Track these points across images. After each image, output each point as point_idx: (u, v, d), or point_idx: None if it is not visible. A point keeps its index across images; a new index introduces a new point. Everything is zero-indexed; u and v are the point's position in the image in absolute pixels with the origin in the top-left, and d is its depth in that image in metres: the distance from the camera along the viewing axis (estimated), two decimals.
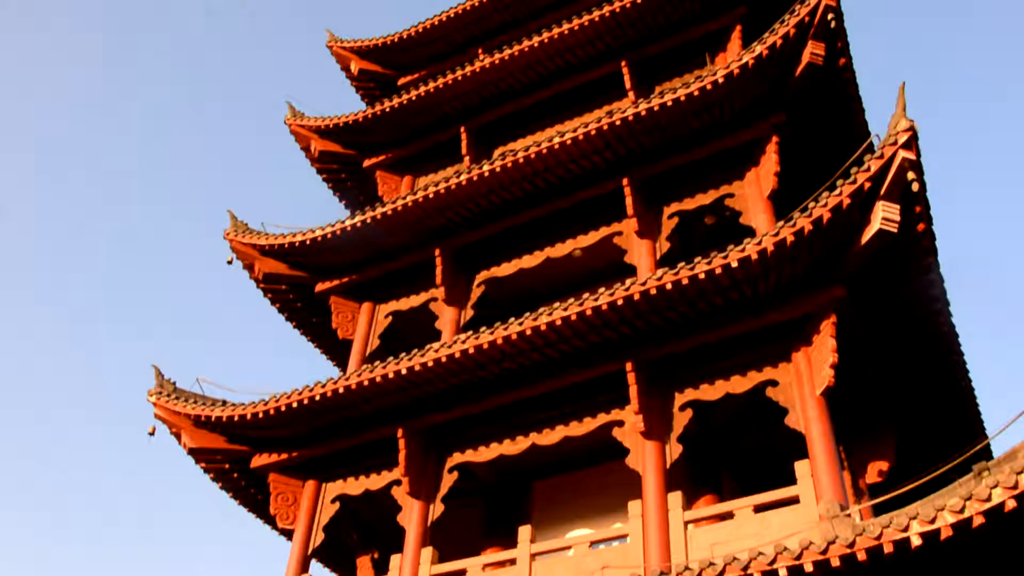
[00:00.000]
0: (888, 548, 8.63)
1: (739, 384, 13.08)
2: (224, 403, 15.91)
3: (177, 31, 66.82)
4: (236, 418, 15.50)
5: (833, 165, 15.21)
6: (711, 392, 13.19)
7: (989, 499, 8.25)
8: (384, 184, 20.49)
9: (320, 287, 18.90)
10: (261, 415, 15.24)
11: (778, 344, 13.02)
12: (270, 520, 17.77)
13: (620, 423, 13.64)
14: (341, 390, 14.46)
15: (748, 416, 14.81)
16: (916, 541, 8.53)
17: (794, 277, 12.44)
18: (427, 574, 13.79)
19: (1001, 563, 8.94)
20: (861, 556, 8.70)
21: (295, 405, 14.86)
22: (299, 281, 19.14)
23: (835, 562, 8.75)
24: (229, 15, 68.78)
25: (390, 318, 18.26)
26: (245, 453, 16.59)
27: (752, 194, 15.22)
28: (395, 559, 14.30)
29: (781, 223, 11.83)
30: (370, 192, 21.79)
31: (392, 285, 18.55)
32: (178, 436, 16.75)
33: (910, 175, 11.24)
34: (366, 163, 20.98)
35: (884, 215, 11.44)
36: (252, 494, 17.68)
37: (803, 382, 12.54)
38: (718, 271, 12.14)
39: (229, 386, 18.15)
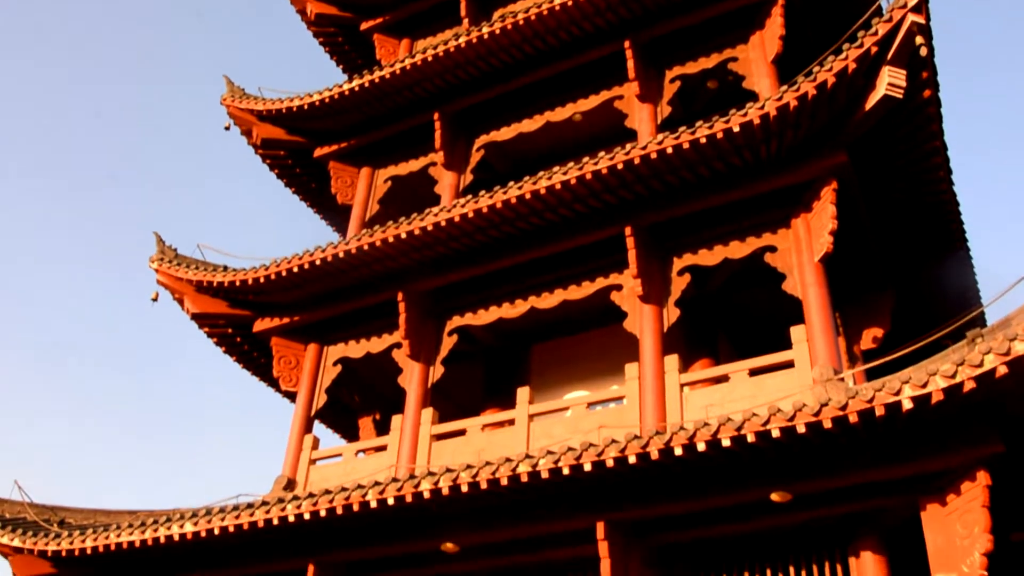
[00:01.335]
0: (880, 411, 8.77)
1: (738, 250, 13.11)
2: (225, 268, 15.97)
3: None
4: (237, 283, 15.59)
5: (840, 30, 14.86)
6: (709, 257, 13.24)
7: (981, 365, 8.35)
8: (382, 48, 20.03)
9: (319, 152, 18.74)
10: (262, 280, 15.33)
11: (778, 210, 12.99)
12: (273, 383, 18.10)
13: (618, 287, 13.75)
14: (341, 254, 14.50)
15: (746, 282, 14.91)
16: (907, 405, 8.67)
17: (796, 143, 12.33)
18: (428, 434, 14.13)
19: (990, 428, 9.11)
20: (853, 418, 8.86)
21: (296, 270, 14.93)
22: (298, 146, 18.96)
23: (827, 424, 8.92)
24: None
25: (389, 183, 18.17)
26: (247, 318, 16.75)
27: (756, 58, 14.93)
28: (396, 420, 14.62)
29: (784, 87, 11.65)
30: (368, 56, 21.37)
31: (391, 150, 18.40)
32: (180, 302, 16.88)
33: (918, 39, 11.00)
34: (363, 26, 20.43)
35: (890, 81, 11.24)
36: (255, 358, 17.94)
37: (802, 248, 12.57)
38: (719, 135, 12.01)
39: (230, 251, 18.21)
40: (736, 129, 11.90)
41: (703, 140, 12.08)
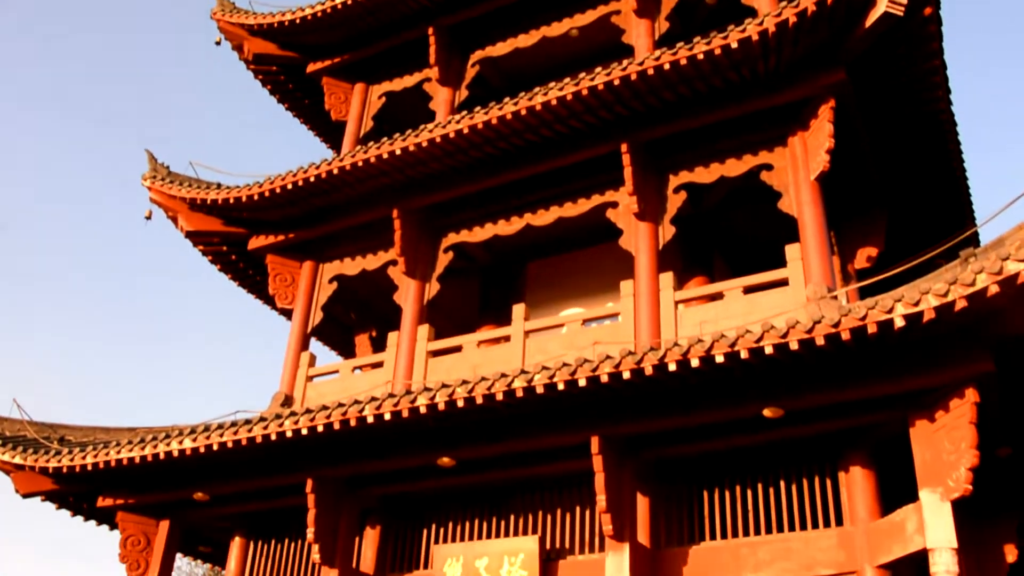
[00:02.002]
0: (872, 329, 8.84)
1: (734, 167, 13.07)
2: (219, 186, 15.88)
3: None
4: (231, 200, 15.52)
5: None
6: (705, 175, 13.20)
7: (973, 284, 8.39)
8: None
9: (312, 68, 18.50)
10: (256, 197, 15.26)
11: (775, 128, 12.92)
12: (269, 300, 18.17)
13: (614, 204, 13.73)
14: (335, 171, 14.43)
15: (741, 200, 14.90)
16: (899, 323, 8.74)
17: (794, 60, 12.20)
18: (423, 351, 14.23)
19: (980, 346, 9.20)
20: (845, 336, 8.93)
21: (290, 186, 14.86)
22: (290, 62, 18.70)
23: (820, 341, 8.99)
24: None
25: (383, 99, 17.99)
26: (242, 235, 16.72)
27: None
28: (392, 336, 14.71)
29: (784, 3, 11.49)
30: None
31: (385, 65, 18.17)
32: (174, 220, 16.83)
33: None
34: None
35: None
36: (251, 275, 17.98)
37: (798, 166, 12.54)
38: (717, 52, 11.88)
39: (223, 169, 18.08)
40: (734, 46, 11.76)
41: (701, 56, 11.95)
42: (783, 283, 11.93)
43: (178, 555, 15.79)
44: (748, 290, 12.09)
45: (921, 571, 10.14)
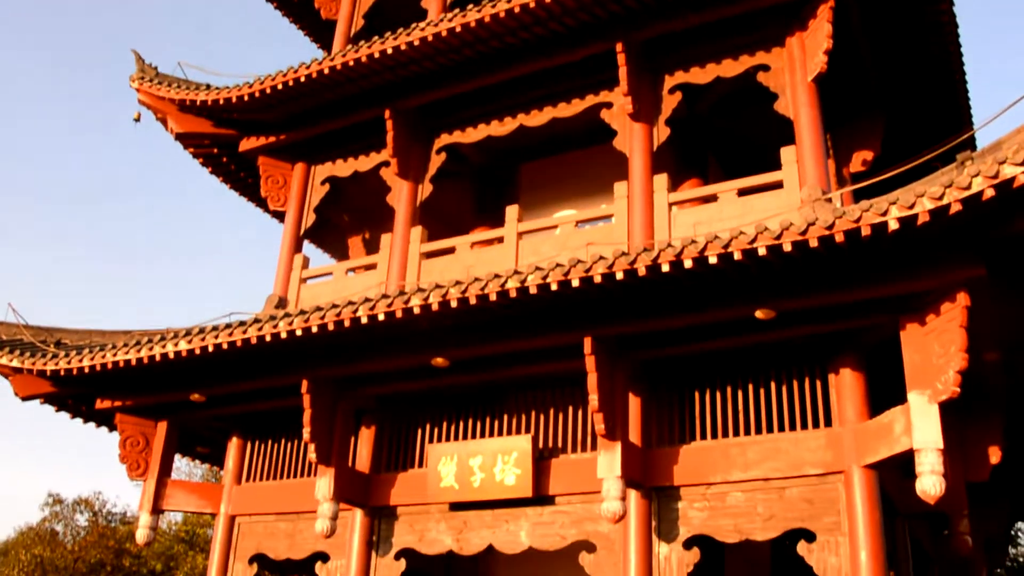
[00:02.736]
0: (866, 231, 8.82)
1: (730, 68, 12.89)
2: (208, 87, 15.64)
3: None
4: (221, 101, 15.30)
5: None
6: (701, 75, 13.03)
7: (969, 187, 8.34)
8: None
9: None
10: (246, 97, 15.04)
11: (772, 28, 12.69)
12: (262, 203, 18.06)
13: (608, 105, 13.58)
14: (326, 71, 14.20)
15: (737, 102, 14.74)
16: (893, 225, 8.71)
17: None
18: (417, 252, 14.22)
19: (973, 250, 9.21)
20: (839, 238, 8.91)
21: (280, 87, 14.64)
22: None
23: (814, 243, 8.98)
24: None
25: None
26: (232, 137, 16.54)
27: None
28: (385, 238, 14.69)
29: None
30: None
31: None
32: (164, 122, 16.61)
33: None
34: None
35: None
36: (242, 178, 17.86)
37: (795, 67, 12.37)
38: None
39: (213, 70, 17.79)
40: None
41: None
42: (778, 186, 11.89)
43: (176, 455, 16.04)
44: (742, 192, 12.04)
45: (907, 471, 10.34)
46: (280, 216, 17.42)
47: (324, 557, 13.48)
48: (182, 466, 31.39)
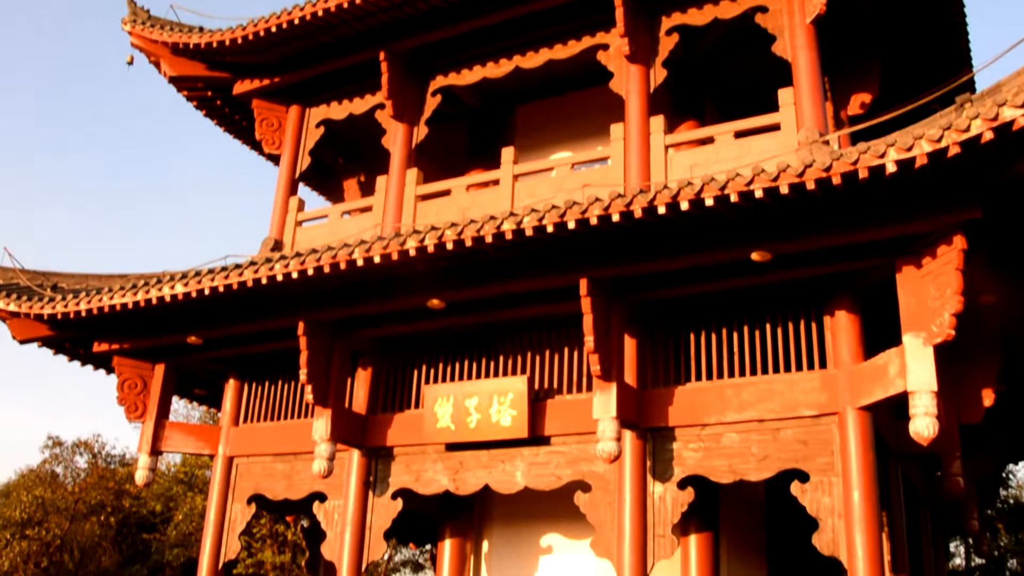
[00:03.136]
0: (863, 174, 8.77)
1: (728, 9, 12.75)
2: (201, 30, 15.47)
3: None
4: (214, 44, 15.14)
5: None
6: (699, 16, 12.88)
7: (967, 130, 8.28)
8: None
9: None
10: (240, 40, 14.88)
11: None
12: (256, 146, 17.97)
13: (605, 46, 13.45)
14: (320, 12, 14.02)
15: (735, 44, 14.58)
16: (891, 168, 8.67)
17: None
18: (412, 195, 14.16)
19: (970, 193, 9.18)
20: (836, 180, 8.87)
21: (273, 29, 14.46)
22: None
23: (810, 185, 8.94)
24: None
25: None
26: (226, 80, 16.38)
27: None
28: (381, 180, 14.62)
29: None
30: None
31: None
32: (157, 65, 16.43)
33: None
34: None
35: None
36: (237, 121, 17.72)
37: (793, 9, 12.24)
38: None
39: (205, 12, 17.59)
40: None
41: None
42: (775, 128, 11.81)
43: (174, 398, 16.12)
44: (739, 134, 11.97)
45: (901, 413, 10.42)
46: (275, 159, 17.36)
47: (321, 497, 13.62)
48: (180, 408, 31.60)
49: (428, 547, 25.17)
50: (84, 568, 26.63)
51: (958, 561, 27.56)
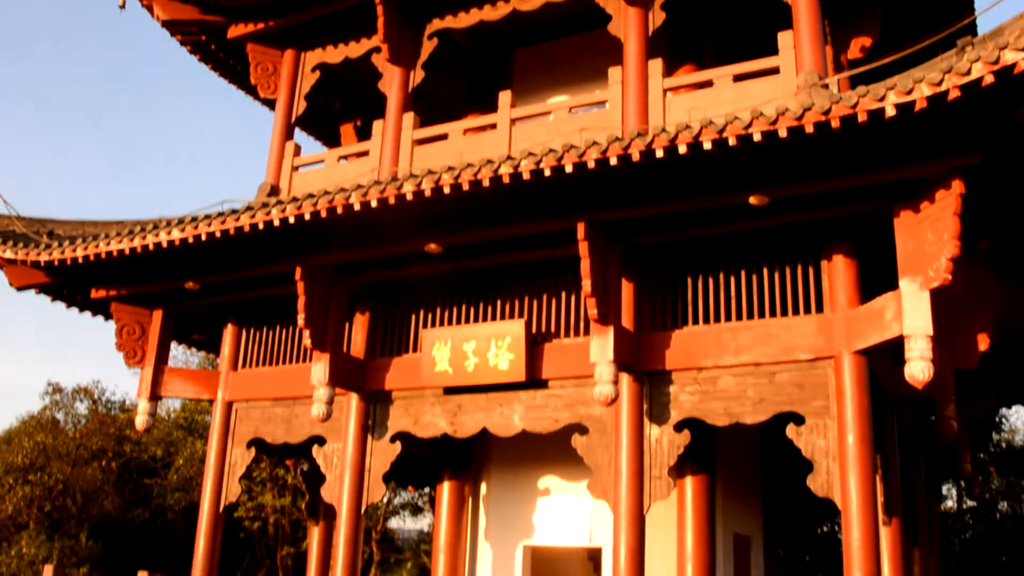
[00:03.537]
0: (862, 117, 8.73)
1: None
2: None
3: None
4: None
5: None
6: None
7: (968, 73, 8.22)
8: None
9: None
10: None
11: None
12: (252, 91, 17.79)
13: None
14: None
15: None
16: (890, 111, 8.62)
17: None
18: (409, 139, 14.08)
19: (969, 138, 9.15)
20: (835, 124, 8.82)
21: None
22: None
23: (809, 129, 8.89)
24: None
25: None
26: (220, 24, 16.19)
27: None
28: (377, 125, 14.52)
29: None
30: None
31: None
32: (150, 8, 16.21)
33: None
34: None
35: None
36: (232, 65, 17.54)
37: None
38: None
39: None
40: None
41: None
42: (774, 71, 11.72)
43: (173, 343, 16.17)
44: (738, 78, 11.88)
45: (897, 358, 10.47)
46: (271, 104, 17.21)
47: (321, 441, 13.73)
48: (178, 354, 31.70)
49: (427, 490, 25.44)
50: (87, 512, 26.87)
51: (950, 504, 27.88)
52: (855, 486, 9.99)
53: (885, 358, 11.92)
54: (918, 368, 9.39)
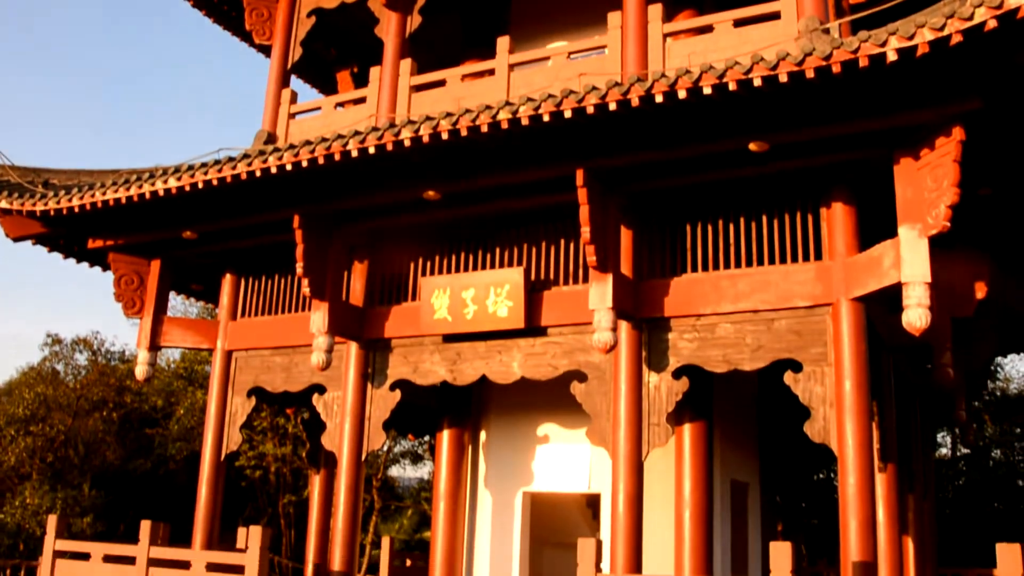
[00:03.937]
0: (863, 62, 8.67)
1: None
2: None
3: None
4: None
5: None
6: None
7: (971, 18, 8.15)
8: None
9: None
10: None
11: None
12: (247, 37, 17.61)
13: None
14: None
15: None
16: (892, 56, 8.56)
17: None
18: (407, 85, 13.95)
19: (970, 84, 9.08)
20: (836, 69, 8.76)
21: None
22: None
23: (810, 74, 8.83)
24: None
25: None
26: None
27: None
28: (374, 71, 14.38)
29: None
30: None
31: None
32: None
33: None
34: None
35: None
36: (225, 11, 17.39)
37: None
38: None
39: None
40: None
41: None
42: (775, 16, 11.60)
43: (171, 293, 16.17)
44: (739, 23, 11.76)
45: (894, 306, 10.48)
46: (266, 51, 17.04)
47: (321, 389, 13.79)
48: (177, 304, 31.72)
49: (427, 438, 25.58)
50: (89, 462, 27.01)
51: (944, 451, 28.08)
52: (851, 433, 10.06)
53: (883, 307, 11.93)
54: (915, 315, 9.41)
